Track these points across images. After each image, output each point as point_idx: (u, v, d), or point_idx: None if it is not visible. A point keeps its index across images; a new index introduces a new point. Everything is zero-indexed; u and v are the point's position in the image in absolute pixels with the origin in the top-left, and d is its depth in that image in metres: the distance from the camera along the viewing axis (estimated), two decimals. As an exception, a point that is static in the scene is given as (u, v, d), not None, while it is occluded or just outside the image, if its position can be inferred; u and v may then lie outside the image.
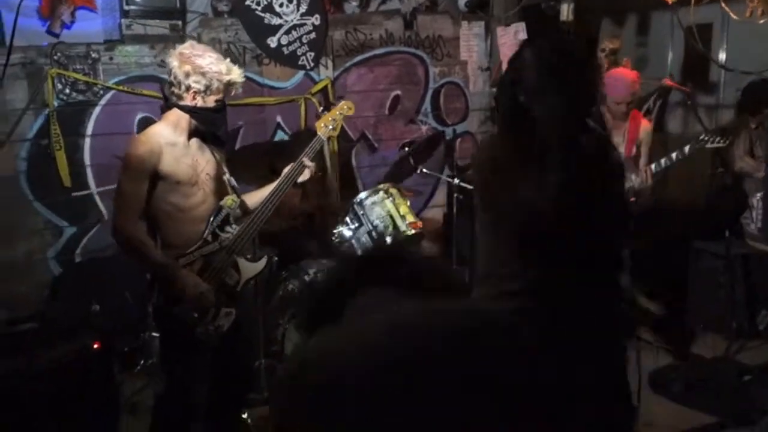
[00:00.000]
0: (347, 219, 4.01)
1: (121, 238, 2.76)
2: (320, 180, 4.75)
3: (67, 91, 4.64)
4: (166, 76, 2.82)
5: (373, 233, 3.90)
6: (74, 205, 4.72)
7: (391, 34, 5.58)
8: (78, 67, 4.63)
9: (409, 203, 4.13)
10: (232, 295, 2.97)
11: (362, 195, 4.05)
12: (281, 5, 5.08)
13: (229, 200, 2.95)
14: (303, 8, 5.14)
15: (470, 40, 5.87)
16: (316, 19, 5.20)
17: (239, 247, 2.98)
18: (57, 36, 4.94)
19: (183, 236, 2.86)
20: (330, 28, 5.34)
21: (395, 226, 3.92)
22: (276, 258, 4.34)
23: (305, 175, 3.20)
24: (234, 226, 2.98)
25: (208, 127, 2.87)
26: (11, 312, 3.54)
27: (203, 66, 2.71)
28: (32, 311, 3.53)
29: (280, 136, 5.27)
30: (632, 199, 4.20)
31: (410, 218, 3.99)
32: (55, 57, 4.59)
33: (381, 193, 4.02)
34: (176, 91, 2.76)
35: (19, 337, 2.99)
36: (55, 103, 4.59)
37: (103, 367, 3.39)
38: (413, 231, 3.94)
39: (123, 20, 4.83)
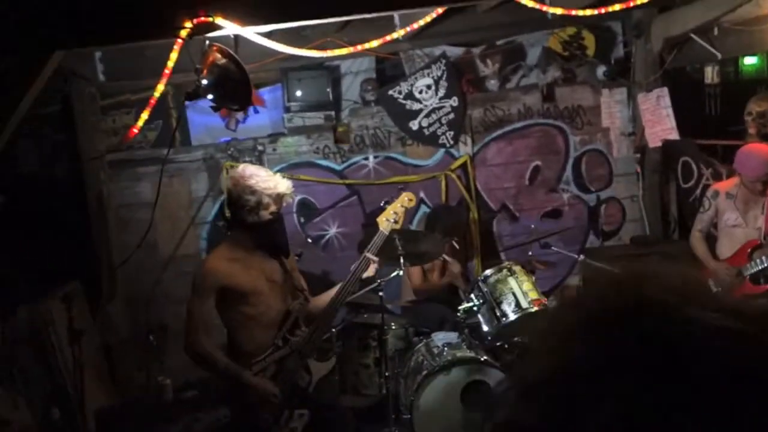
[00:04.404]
0: (472, 295, 4.25)
1: (190, 353, 3.00)
2: (458, 253, 5.00)
3: (239, 179, 5.42)
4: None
5: (496, 310, 4.11)
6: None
7: (529, 107, 5.80)
8: (247, 159, 5.40)
9: (534, 279, 4.28)
10: (305, 396, 3.12)
11: (487, 272, 4.28)
12: (421, 92, 5.54)
13: (296, 304, 3.15)
14: (441, 93, 5.56)
15: (612, 107, 5.90)
16: (453, 101, 5.59)
17: (309, 349, 3.14)
18: (234, 131, 5.81)
19: (255, 342, 3.05)
20: (468, 107, 5.70)
21: (518, 303, 4.10)
22: (412, 328, 4.67)
23: (371, 271, 3.34)
24: (303, 328, 3.15)
25: (266, 239, 3.07)
26: (178, 379, 4.21)
27: (252, 185, 2.94)
28: (195, 379, 4.17)
29: (423, 210, 5.66)
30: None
31: (533, 295, 4.14)
32: (229, 152, 5.40)
33: (504, 271, 4.22)
34: (233, 210, 3.03)
35: (184, 402, 3.59)
36: (229, 190, 5.38)
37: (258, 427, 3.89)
38: (535, 308, 4.09)
39: (285, 115, 5.57)
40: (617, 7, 4.07)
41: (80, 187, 4.97)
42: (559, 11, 4.06)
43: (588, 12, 4.26)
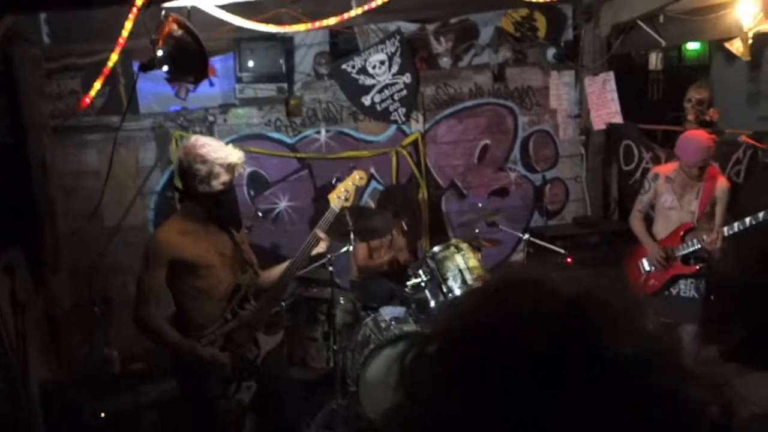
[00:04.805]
0: (420, 271, 4.35)
1: (139, 324, 2.97)
2: (407, 233, 5.08)
3: (188, 150, 5.35)
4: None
5: (443, 286, 4.22)
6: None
7: (480, 87, 5.88)
8: (197, 129, 5.33)
9: (479, 257, 4.40)
10: (253, 369, 3.15)
11: (435, 249, 4.38)
12: (374, 67, 5.55)
13: (246, 278, 3.18)
14: (394, 69, 5.58)
15: (560, 89, 6.03)
16: (407, 78, 5.62)
17: (258, 323, 3.18)
18: (184, 99, 5.70)
19: (204, 315, 3.06)
20: (421, 84, 5.74)
21: (463, 279, 4.22)
22: (360, 303, 4.75)
23: (321, 247, 3.38)
24: (253, 302, 3.18)
25: (217, 210, 3.05)
26: (124, 351, 4.19)
27: (204, 155, 2.90)
28: (141, 350, 4.15)
29: (373, 186, 5.71)
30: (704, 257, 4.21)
31: (478, 272, 4.27)
32: (179, 121, 5.32)
33: (452, 248, 4.33)
34: (184, 181, 2.98)
35: (131, 374, 3.59)
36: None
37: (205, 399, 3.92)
38: (480, 284, 4.20)
39: (237, 85, 5.50)
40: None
41: (23, 153, 4.81)
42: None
43: (542, -5, 4.34)
